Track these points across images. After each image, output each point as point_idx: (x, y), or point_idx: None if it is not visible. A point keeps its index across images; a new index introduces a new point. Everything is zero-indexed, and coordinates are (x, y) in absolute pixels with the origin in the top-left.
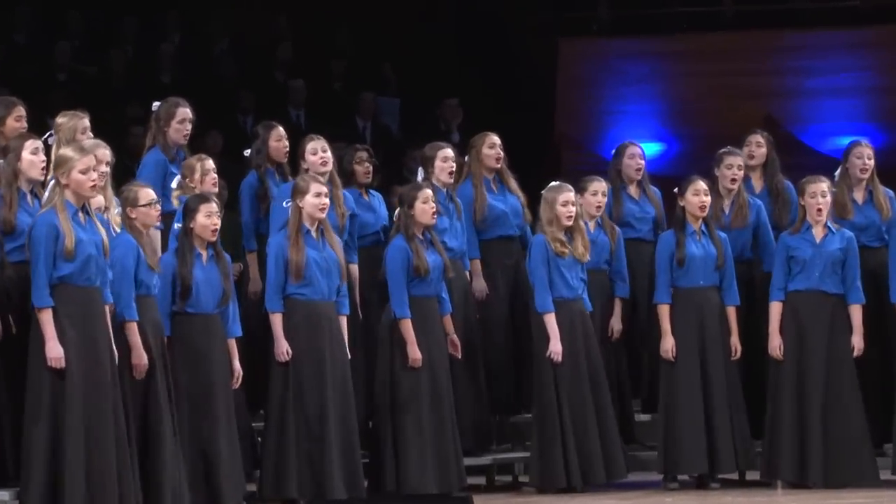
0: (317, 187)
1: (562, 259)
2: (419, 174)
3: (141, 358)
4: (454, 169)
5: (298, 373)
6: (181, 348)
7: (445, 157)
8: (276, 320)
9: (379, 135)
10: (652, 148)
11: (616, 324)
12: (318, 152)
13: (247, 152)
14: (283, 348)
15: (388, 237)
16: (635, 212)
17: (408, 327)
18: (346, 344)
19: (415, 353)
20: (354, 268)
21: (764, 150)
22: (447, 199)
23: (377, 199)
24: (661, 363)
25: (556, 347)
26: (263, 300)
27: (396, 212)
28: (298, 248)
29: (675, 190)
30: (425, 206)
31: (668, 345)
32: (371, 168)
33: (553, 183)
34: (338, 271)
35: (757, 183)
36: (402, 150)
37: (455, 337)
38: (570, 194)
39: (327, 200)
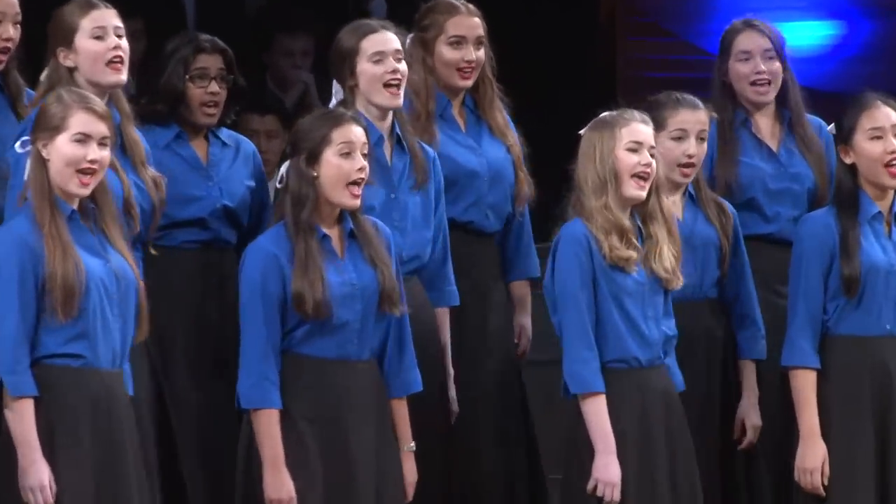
0: (82, 120)
1: (624, 277)
2: (336, 90)
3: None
4: (401, 80)
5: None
6: None
7: (381, 53)
8: (24, 413)
9: (226, 12)
10: (811, 34)
11: (751, 417)
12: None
13: None
14: (42, 478)
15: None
16: (766, 175)
17: (271, 423)
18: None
19: (274, 483)
20: None
21: None
22: (390, 140)
23: (233, 153)
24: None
25: (609, 474)
26: None
27: (280, 173)
28: (62, 243)
29: (830, 129)
30: (345, 164)
31: (814, 459)
32: (220, 93)
33: (605, 114)
34: (135, 305)
35: None
36: (267, 40)
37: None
38: (642, 128)
39: (106, 154)
